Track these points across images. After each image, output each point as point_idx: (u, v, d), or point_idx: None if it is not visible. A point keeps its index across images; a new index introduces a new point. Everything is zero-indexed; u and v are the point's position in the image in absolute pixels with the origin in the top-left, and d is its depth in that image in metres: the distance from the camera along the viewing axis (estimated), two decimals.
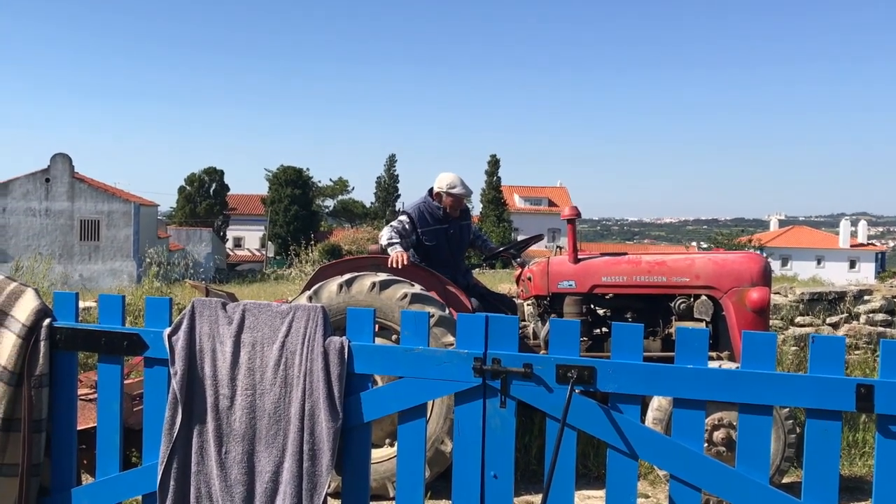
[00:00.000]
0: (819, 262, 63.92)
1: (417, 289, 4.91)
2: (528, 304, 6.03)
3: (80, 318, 3.34)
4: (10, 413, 3.08)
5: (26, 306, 3.14)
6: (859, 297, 8.35)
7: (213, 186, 64.24)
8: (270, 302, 3.18)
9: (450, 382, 2.88)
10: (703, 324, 5.28)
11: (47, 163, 37.98)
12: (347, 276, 4.96)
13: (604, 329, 5.62)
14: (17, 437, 3.07)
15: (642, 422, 2.85)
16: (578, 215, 5.47)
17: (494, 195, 59.62)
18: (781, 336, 7.90)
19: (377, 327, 4.42)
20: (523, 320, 6.16)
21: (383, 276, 4.96)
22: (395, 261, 5.18)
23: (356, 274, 5.00)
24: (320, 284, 5.01)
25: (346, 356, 2.93)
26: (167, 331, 3.07)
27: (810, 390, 2.59)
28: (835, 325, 8.22)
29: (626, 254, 5.62)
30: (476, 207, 61.28)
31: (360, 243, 39.15)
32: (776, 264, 55.44)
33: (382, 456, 4.81)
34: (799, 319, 8.25)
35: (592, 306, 5.65)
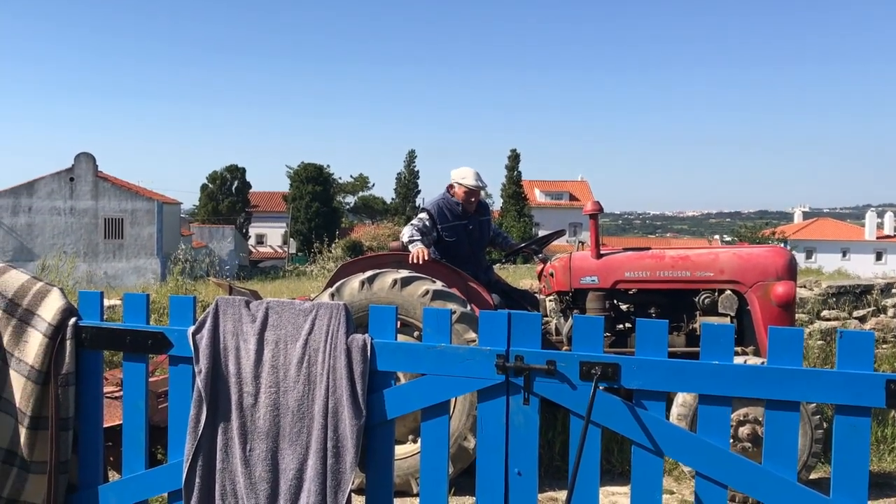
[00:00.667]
0: (844, 255, 63.23)
1: (439, 285, 4.90)
2: (550, 300, 6.01)
3: (105, 317, 3.36)
4: (37, 411, 3.11)
5: (52, 305, 3.17)
6: (886, 289, 8.23)
7: (236, 184, 64.73)
8: (293, 300, 3.19)
9: (473, 380, 2.87)
10: (728, 319, 5.23)
11: (71, 162, 38.41)
12: (369, 274, 4.97)
13: (627, 325, 5.59)
14: (45, 435, 3.10)
15: (667, 418, 2.83)
16: (601, 210, 5.44)
17: (515, 190, 59.42)
18: (807, 330, 7.81)
19: (399, 324, 4.42)
20: (545, 316, 6.14)
21: (405, 273, 4.96)
22: (415, 257, 5.18)
23: (378, 271, 5.00)
24: (342, 282, 5.02)
25: (368, 354, 2.93)
26: (191, 329, 3.09)
27: (839, 386, 2.56)
28: (861, 319, 8.11)
29: (649, 248, 5.59)
30: (497, 202, 61.21)
31: (380, 239, 39.21)
32: (800, 257, 54.90)
33: (406, 452, 4.81)
34: (825, 313, 8.16)
35: (615, 302, 5.62)
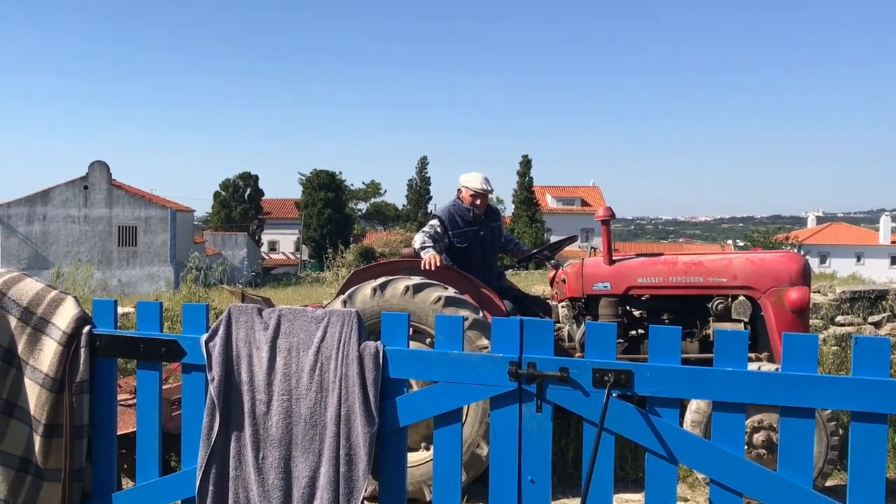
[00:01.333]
0: (859, 259, 62.76)
1: (451, 292, 4.89)
2: (562, 307, 5.98)
3: (119, 324, 3.38)
4: (52, 419, 3.13)
5: (67, 314, 3.19)
6: None
7: (248, 191, 65.02)
8: (306, 307, 3.20)
9: (485, 387, 2.86)
10: (742, 325, 5.20)
11: (86, 170, 38.66)
12: (381, 280, 4.96)
13: (640, 331, 5.56)
14: (60, 443, 3.12)
15: (680, 425, 2.82)
16: (613, 216, 5.42)
17: (527, 195, 59.32)
18: (821, 336, 7.75)
19: (411, 331, 4.42)
20: (557, 322, 6.12)
21: (417, 280, 4.95)
22: (427, 263, 5.18)
23: (389, 278, 5.00)
24: (354, 288, 5.02)
25: (381, 361, 2.93)
26: (204, 337, 3.10)
27: (855, 393, 2.54)
28: (877, 325, 8.04)
29: (661, 254, 5.56)
30: (508, 208, 61.15)
31: (392, 245, 39.23)
32: (814, 262, 54.58)
33: (419, 459, 4.80)
34: (839, 318, 8.09)
35: (628, 308, 5.60)
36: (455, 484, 2.98)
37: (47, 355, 3.13)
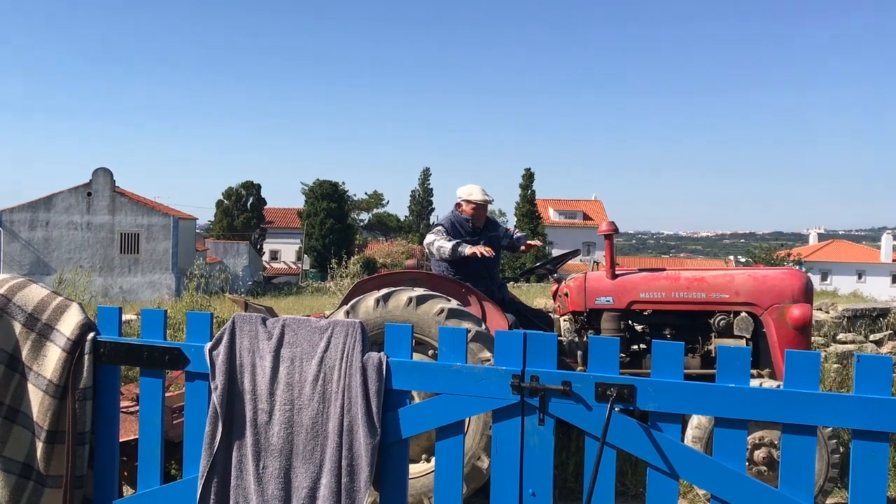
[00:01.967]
0: (860, 277, 62.74)
1: (454, 304, 4.90)
2: (564, 320, 5.99)
3: (122, 331, 3.39)
4: (55, 425, 3.13)
5: (71, 320, 3.20)
6: None
7: (251, 200, 65.05)
8: (309, 317, 3.21)
9: (488, 399, 2.87)
10: (744, 341, 5.20)
11: (89, 177, 38.74)
12: (384, 291, 4.97)
13: (642, 346, 5.57)
14: (62, 450, 3.12)
15: (682, 440, 2.82)
16: (616, 231, 5.43)
17: (529, 209, 59.39)
18: (823, 353, 7.75)
19: (413, 342, 4.42)
20: (560, 336, 6.12)
21: (420, 292, 4.96)
22: (483, 252, 5.26)
23: (393, 289, 5.00)
24: (357, 299, 5.02)
25: (384, 372, 2.94)
26: (208, 345, 3.11)
27: (856, 411, 2.55)
28: (878, 342, 8.05)
29: (664, 269, 5.57)
30: (510, 220, 61.14)
31: (394, 256, 39.31)
32: (816, 279, 54.48)
33: (420, 471, 4.79)
34: (841, 336, 8.10)
35: (630, 322, 5.60)
36: (456, 496, 2.98)
37: (51, 361, 3.14)
